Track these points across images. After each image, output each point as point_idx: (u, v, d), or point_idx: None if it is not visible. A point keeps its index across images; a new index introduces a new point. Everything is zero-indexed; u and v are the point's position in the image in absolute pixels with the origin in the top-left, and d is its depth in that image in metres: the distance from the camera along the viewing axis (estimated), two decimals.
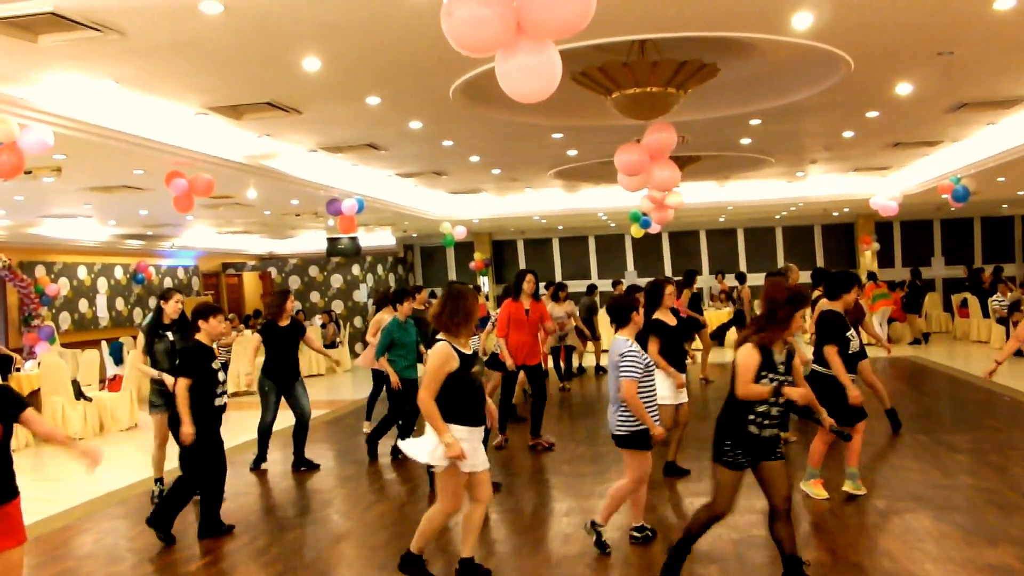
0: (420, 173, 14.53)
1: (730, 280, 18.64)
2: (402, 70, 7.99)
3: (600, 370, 16.19)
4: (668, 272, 23.95)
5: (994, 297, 17.43)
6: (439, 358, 5.16)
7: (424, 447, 5.16)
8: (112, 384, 12.68)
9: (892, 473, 7.89)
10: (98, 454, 4.62)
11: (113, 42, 6.61)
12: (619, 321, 5.94)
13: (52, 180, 11.07)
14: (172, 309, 8.07)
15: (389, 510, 7.48)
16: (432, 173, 14.56)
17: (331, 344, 18.98)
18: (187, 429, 6.48)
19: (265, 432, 9.21)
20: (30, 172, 10.14)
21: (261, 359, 9.34)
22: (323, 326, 19.45)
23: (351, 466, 9.37)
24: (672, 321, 7.66)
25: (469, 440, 5.18)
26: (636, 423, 5.73)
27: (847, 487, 7.02)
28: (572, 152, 13.24)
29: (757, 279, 18.69)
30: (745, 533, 6.31)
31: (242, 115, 9.28)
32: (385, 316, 10.02)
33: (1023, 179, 15.51)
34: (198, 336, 6.84)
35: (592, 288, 17.72)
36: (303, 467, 9.16)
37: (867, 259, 22.31)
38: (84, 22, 6.10)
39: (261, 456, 9.29)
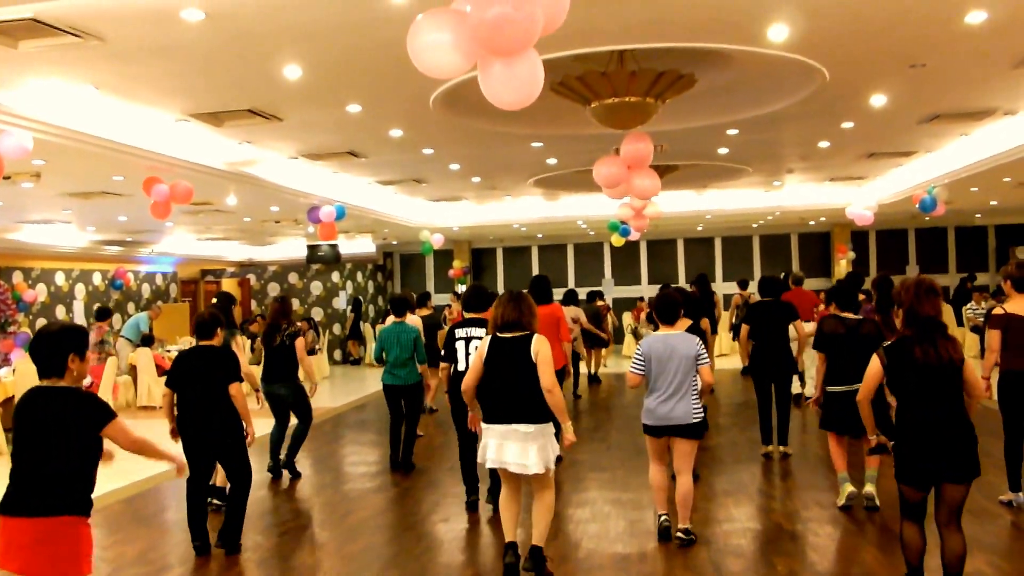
0: (400, 181, 14.55)
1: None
2: (382, 78, 8.03)
3: (593, 379, 16.12)
4: (645, 280, 24.12)
5: (968, 306, 17.61)
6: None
7: (530, 454, 5.45)
8: (88, 391, 12.57)
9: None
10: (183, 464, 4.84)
11: (93, 48, 6.61)
12: (668, 318, 6.32)
13: (31, 185, 11.05)
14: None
15: (367, 517, 7.50)
16: (412, 181, 14.58)
17: (310, 351, 18.90)
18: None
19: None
20: (8, 177, 10.11)
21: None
22: (303, 333, 19.37)
23: (327, 474, 9.38)
24: None
25: None
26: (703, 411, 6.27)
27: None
28: (552, 161, 13.31)
29: (734, 288, 18.91)
30: (724, 542, 6.38)
31: (222, 122, 9.29)
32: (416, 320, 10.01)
33: (995, 189, 15.71)
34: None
35: (593, 295, 17.33)
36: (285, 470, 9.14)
37: (843, 268, 22.48)
38: (64, 28, 6.10)
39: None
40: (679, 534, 6.25)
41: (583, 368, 15.69)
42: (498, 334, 5.63)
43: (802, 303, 11.22)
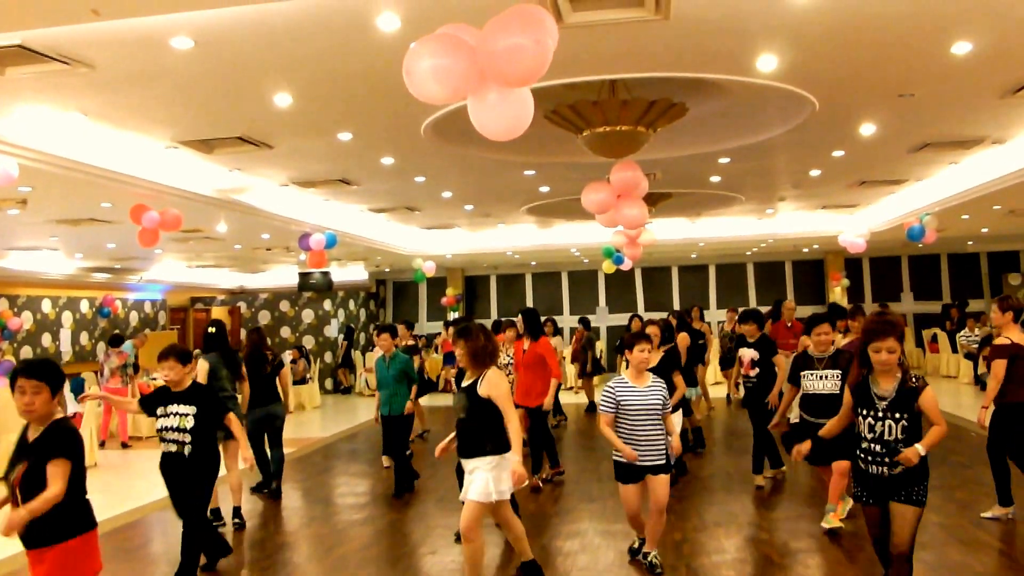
0: (392, 208, 14.52)
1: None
2: (373, 106, 8.01)
3: (591, 408, 15.75)
4: (640, 308, 24.02)
5: (962, 333, 17.60)
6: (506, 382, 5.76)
7: (482, 484, 5.53)
8: (72, 421, 12.34)
9: (856, 509, 7.88)
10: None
11: (81, 75, 6.59)
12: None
13: (17, 212, 10.98)
14: None
15: (355, 550, 7.38)
16: (404, 208, 14.56)
17: (301, 380, 18.81)
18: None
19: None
20: None
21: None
22: (293, 362, 19.25)
23: (316, 506, 9.26)
24: None
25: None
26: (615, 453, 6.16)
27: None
28: (544, 188, 13.29)
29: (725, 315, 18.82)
30: (712, 573, 6.29)
31: (213, 149, 9.26)
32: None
33: (986, 217, 15.74)
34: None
35: (585, 321, 17.12)
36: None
37: (837, 295, 22.50)
38: (52, 55, 6.08)
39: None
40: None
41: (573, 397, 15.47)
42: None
43: (780, 334, 11.42)
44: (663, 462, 6.11)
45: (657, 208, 13.39)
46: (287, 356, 19.87)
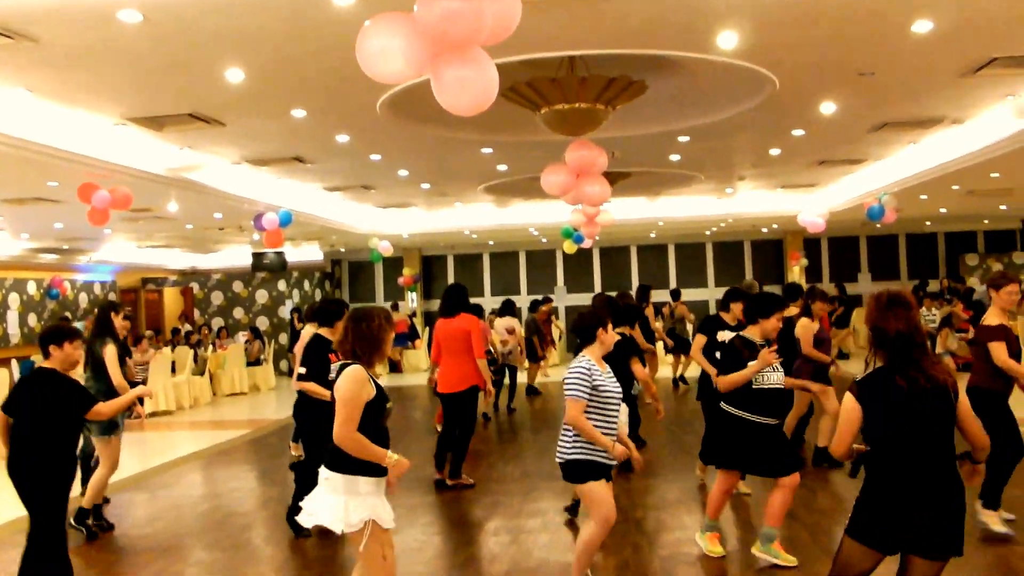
0: (348, 187, 14.34)
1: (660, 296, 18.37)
2: (327, 83, 7.85)
3: (532, 391, 15.53)
4: (598, 288, 23.99)
5: (920, 312, 17.81)
6: (357, 382, 4.22)
7: (330, 510, 4.20)
8: None
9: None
10: None
11: (25, 50, 6.39)
12: (583, 339, 5.26)
13: None
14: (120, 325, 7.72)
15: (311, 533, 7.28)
16: (360, 187, 14.39)
17: (255, 361, 18.56)
18: None
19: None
20: None
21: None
22: (247, 343, 19.02)
23: (273, 488, 9.13)
24: None
25: (376, 494, 4.25)
26: (581, 449, 5.06)
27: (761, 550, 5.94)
28: (502, 167, 13.19)
29: (688, 295, 18.94)
30: (674, 550, 6.29)
31: (163, 126, 9.05)
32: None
33: (945, 197, 15.92)
34: (48, 363, 5.62)
35: (536, 303, 16.22)
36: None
37: (796, 274, 22.68)
38: None
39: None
40: None
41: (521, 378, 14.96)
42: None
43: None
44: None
45: (616, 187, 13.34)
46: (241, 337, 19.65)
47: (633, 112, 8.95)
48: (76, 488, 5.93)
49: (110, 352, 7.40)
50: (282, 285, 22.83)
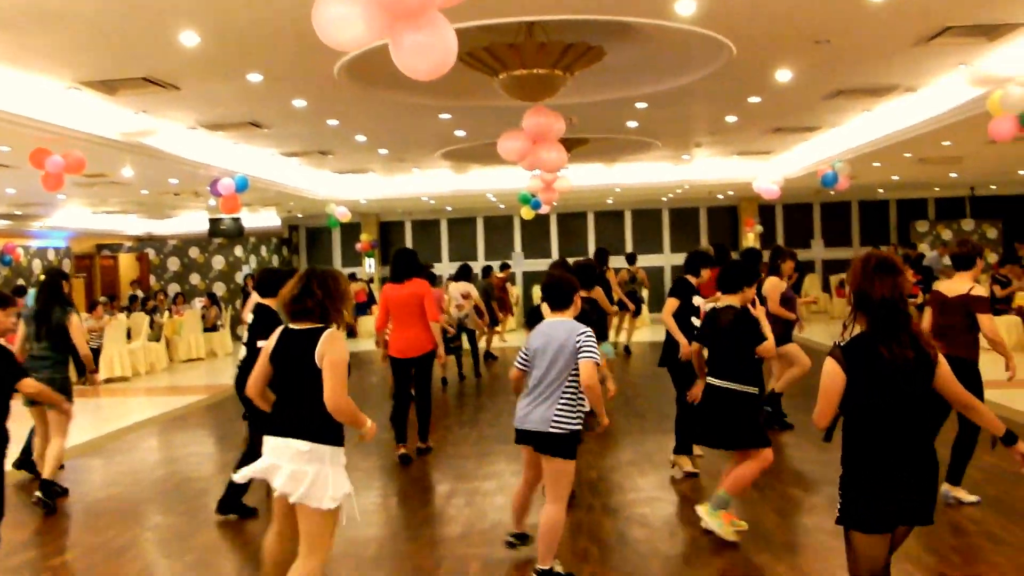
0: (305, 152, 14.23)
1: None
2: (284, 47, 7.78)
3: (489, 356, 15.57)
4: (555, 254, 24.08)
5: None
6: (343, 343, 4.03)
7: (321, 485, 3.93)
8: None
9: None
10: None
11: None
12: (558, 304, 5.01)
13: None
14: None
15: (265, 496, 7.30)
16: (317, 152, 14.28)
17: (212, 327, 18.44)
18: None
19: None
20: None
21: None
22: (204, 308, 18.88)
23: (232, 452, 9.12)
24: None
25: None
26: (578, 421, 4.87)
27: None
28: (460, 133, 13.16)
29: (644, 261, 19.10)
30: (629, 511, 6.40)
31: (116, 90, 8.93)
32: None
33: (897, 165, 16.15)
34: None
35: (488, 269, 16.73)
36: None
37: (750, 241, 22.90)
38: None
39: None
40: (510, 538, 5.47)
41: (481, 344, 15.01)
42: (289, 324, 4.20)
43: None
44: None
45: (573, 153, 13.37)
46: (197, 303, 19.48)
47: (591, 78, 8.97)
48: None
49: (76, 322, 7.37)
50: (239, 251, 22.67)
